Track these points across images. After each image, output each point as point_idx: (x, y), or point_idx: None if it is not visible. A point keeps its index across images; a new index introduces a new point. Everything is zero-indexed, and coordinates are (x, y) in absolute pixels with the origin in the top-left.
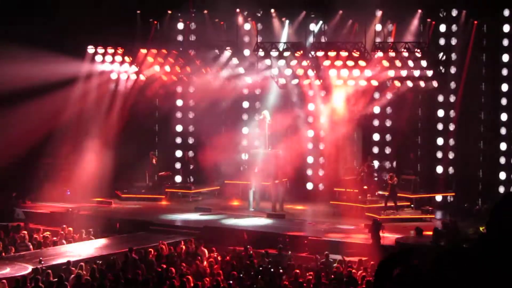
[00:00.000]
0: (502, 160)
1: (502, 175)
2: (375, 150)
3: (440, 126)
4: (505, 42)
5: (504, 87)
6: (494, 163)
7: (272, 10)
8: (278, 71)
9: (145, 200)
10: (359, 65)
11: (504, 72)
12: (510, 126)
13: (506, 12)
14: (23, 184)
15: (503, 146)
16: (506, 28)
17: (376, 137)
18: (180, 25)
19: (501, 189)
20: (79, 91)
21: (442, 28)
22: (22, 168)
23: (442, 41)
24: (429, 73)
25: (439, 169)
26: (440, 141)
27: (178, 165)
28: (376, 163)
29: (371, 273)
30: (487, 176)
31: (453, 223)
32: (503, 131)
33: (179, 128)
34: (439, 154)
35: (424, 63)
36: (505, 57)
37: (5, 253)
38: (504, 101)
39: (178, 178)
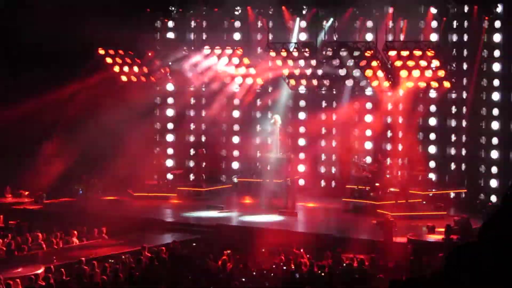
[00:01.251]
0: None
1: None
2: (387, 147)
3: (453, 123)
4: None
5: None
6: (507, 160)
7: (283, 8)
8: (289, 72)
9: (157, 198)
10: (371, 66)
11: None
12: None
13: None
14: (36, 182)
15: None
16: None
17: (388, 133)
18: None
19: None
20: (89, 92)
21: (454, 24)
22: (35, 167)
23: (454, 38)
24: (441, 73)
25: (452, 166)
26: (453, 137)
27: (191, 163)
28: (388, 160)
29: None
30: (501, 173)
31: (465, 219)
32: None
33: (192, 126)
34: (452, 151)
35: (436, 62)
36: None
37: (18, 252)
38: None
39: (190, 176)
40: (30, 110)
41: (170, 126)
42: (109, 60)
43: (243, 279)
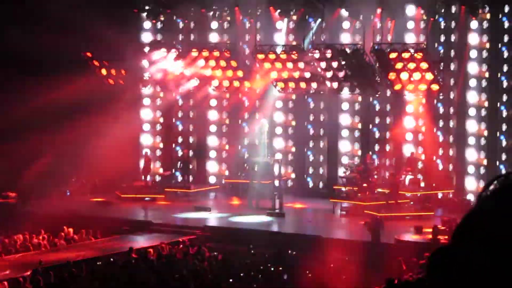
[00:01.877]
0: (503, 156)
1: (504, 171)
2: (375, 147)
3: (440, 123)
4: (506, 38)
5: (505, 83)
6: (495, 159)
7: (271, 8)
8: (277, 75)
9: (144, 199)
10: (359, 67)
11: (505, 68)
12: (511, 122)
13: (506, 8)
14: (24, 183)
15: (504, 142)
16: (506, 24)
17: (376, 134)
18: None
19: None
20: (76, 94)
21: (441, 24)
22: (24, 167)
23: (441, 38)
24: (429, 75)
25: (439, 166)
26: (440, 138)
27: (178, 164)
28: (376, 161)
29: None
30: (488, 172)
31: (453, 220)
32: (503, 127)
33: (179, 127)
34: (440, 151)
35: (424, 65)
36: (506, 53)
37: (6, 255)
38: (505, 97)
39: (178, 178)
40: (17, 112)
41: (158, 127)
42: (96, 62)
43: (231, 280)
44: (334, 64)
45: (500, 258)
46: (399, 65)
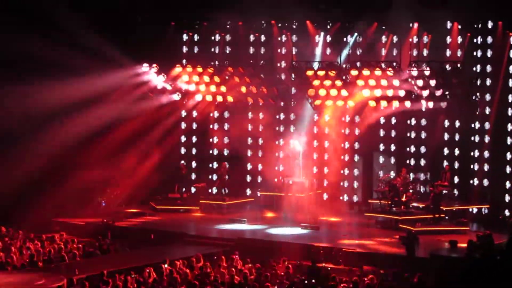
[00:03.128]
0: None
1: None
2: (411, 161)
3: (476, 138)
4: None
5: None
6: None
7: (307, 22)
8: (314, 92)
9: (179, 211)
10: (393, 85)
11: None
12: None
13: None
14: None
15: None
16: None
17: (412, 149)
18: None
19: None
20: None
21: (478, 40)
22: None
23: (478, 53)
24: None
25: (475, 181)
26: (476, 153)
27: (213, 177)
28: (411, 175)
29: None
30: None
31: (487, 235)
32: None
33: (214, 139)
34: (475, 166)
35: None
36: None
37: (41, 264)
38: None
39: (213, 190)
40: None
41: (194, 139)
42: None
43: None
44: (372, 82)
45: None
46: (432, 82)
